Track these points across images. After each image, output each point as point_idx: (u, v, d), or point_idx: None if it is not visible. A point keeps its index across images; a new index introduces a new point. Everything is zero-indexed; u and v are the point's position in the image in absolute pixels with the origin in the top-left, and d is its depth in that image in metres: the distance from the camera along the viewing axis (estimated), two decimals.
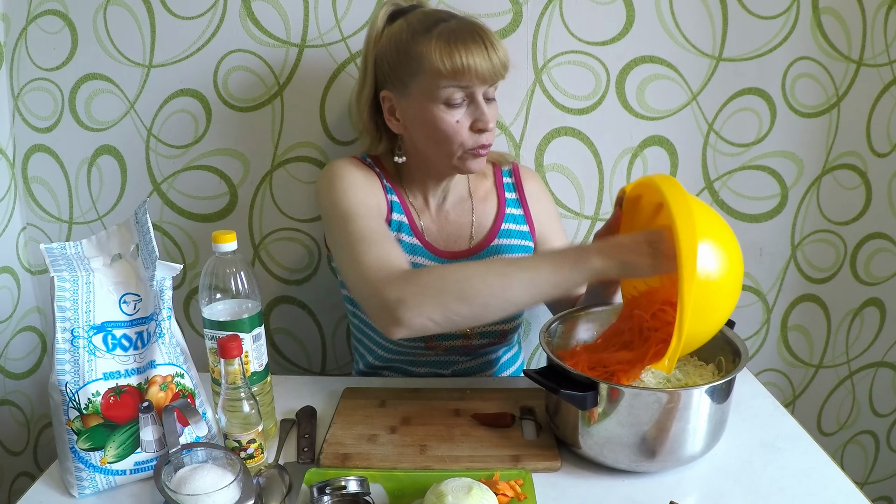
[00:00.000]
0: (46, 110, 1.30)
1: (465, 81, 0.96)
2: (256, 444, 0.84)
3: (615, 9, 1.24)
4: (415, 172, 1.11)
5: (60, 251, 0.86)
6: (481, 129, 0.99)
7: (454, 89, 0.97)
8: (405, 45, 0.99)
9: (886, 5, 1.24)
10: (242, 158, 1.32)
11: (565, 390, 0.81)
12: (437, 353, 1.14)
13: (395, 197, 1.10)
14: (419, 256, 1.10)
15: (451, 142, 1.00)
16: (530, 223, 1.17)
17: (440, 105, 0.98)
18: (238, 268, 0.91)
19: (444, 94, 0.97)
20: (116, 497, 0.84)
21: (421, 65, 0.97)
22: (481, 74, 0.96)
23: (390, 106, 1.04)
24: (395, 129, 1.06)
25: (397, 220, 1.10)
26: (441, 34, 0.96)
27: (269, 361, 0.97)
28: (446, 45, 0.95)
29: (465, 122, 0.99)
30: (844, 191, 1.35)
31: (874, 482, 1.56)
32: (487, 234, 1.14)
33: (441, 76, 0.96)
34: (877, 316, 1.44)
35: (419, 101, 1.00)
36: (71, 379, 0.80)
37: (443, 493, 0.74)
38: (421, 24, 0.99)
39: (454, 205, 1.14)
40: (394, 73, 1.01)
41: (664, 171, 1.33)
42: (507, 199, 1.16)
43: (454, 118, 0.99)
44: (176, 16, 1.24)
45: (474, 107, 0.99)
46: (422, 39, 0.97)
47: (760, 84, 1.28)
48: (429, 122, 1.00)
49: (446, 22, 0.98)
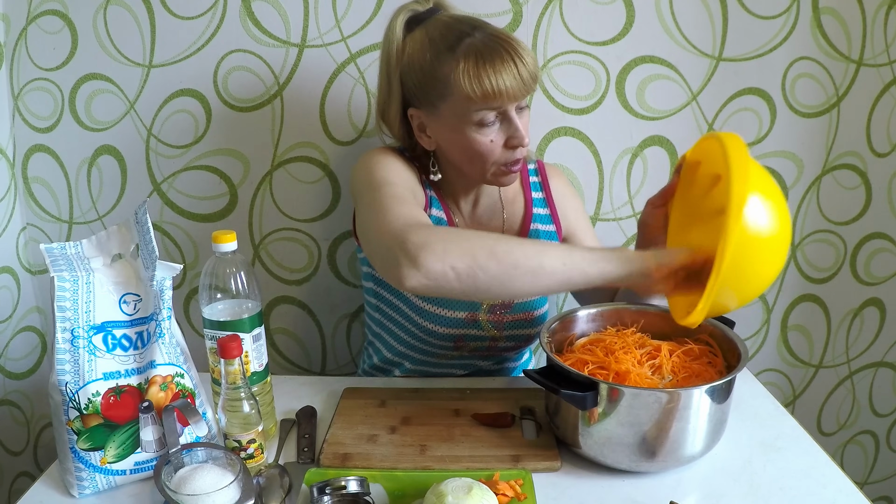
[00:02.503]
0: (46, 110, 1.30)
1: (496, 104, 0.94)
2: (256, 444, 0.84)
3: (615, 9, 1.24)
4: (449, 175, 1.09)
5: (60, 251, 0.86)
6: (516, 146, 0.98)
7: (487, 111, 0.95)
8: (430, 67, 0.96)
9: (886, 5, 1.24)
10: (242, 158, 1.32)
11: (565, 390, 0.81)
12: (462, 353, 1.13)
13: (434, 194, 1.09)
14: None
15: (485, 161, 0.99)
16: (557, 222, 1.16)
17: (472, 126, 0.96)
18: (238, 268, 0.91)
19: (477, 117, 0.95)
20: (116, 497, 0.84)
21: (449, 88, 0.95)
22: (512, 94, 0.94)
23: (420, 123, 1.02)
24: (427, 146, 1.04)
25: (437, 217, 1.08)
26: (468, 55, 0.93)
27: (269, 361, 0.97)
28: (475, 69, 0.92)
29: (498, 141, 0.98)
30: (844, 191, 1.35)
31: (874, 482, 1.56)
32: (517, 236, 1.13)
33: (472, 101, 0.94)
34: (877, 316, 1.44)
35: (451, 122, 0.98)
36: (71, 379, 0.80)
37: (443, 493, 0.74)
38: (444, 42, 0.95)
39: (486, 209, 1.13)
40: (421, 93, 0.99)
41: (664, 171, 1.33)
42: (534, 199, 1.15)
43: (488, 138, 0.97)
44: (176, 16, 1.24)
45: (507, 123, 0.97)
46: (447, 61, 0.94)
47: (760, 84, 1.28)
48: (462, 143, 0.98)
49: (471, 37, 0.95)
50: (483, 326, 1.10)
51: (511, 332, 1.12)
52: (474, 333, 1.10)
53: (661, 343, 0.96)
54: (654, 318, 1.01)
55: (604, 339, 0.97)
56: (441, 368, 1.16)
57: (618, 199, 1.35)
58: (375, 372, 1.22)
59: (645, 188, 1.34)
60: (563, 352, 0.97)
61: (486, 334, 1.11)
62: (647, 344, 0.96)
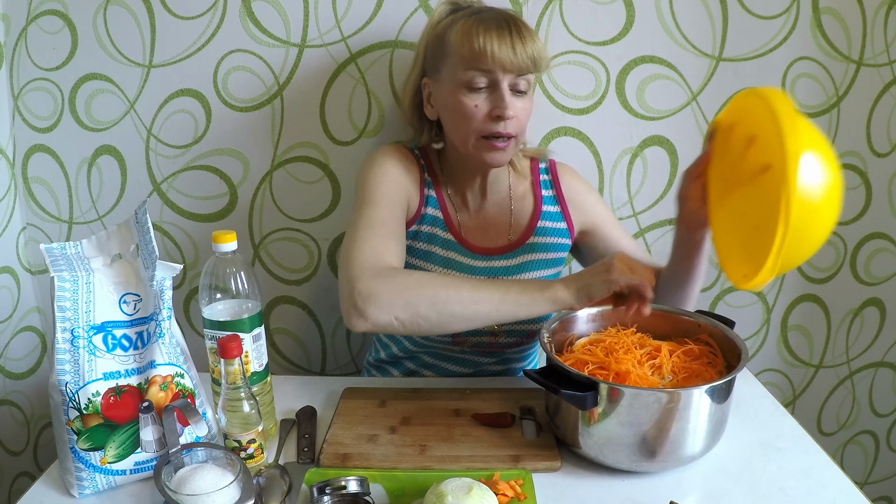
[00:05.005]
0: (46, 110, 1.30)
1: (485, 65, 0.97)
2: (256, 444, 0.84)
3: (615, 9, 1.24)
4: (453, 163, 1.12)
5: (60, 251, 0.86)
6: (498, 117, 0.99)
7: (476, 73, 0.98)
8: (441, 33, 1.03)
9: (886, 5, 1.24)
10: (242, 158, 1.32)
11: (565, 390, 0.81)
12: (462, 348, 1.14)
13: (433, 192, 1.11)
14: (452, 252, 1.11)
15: (467, 126, 1.01)
16: (568, 220, 1.16)
17: (462, 88, 1.00)
18: (238, 268, 0.91)
19: (467, 77, 0.99)
20: (116, 497, 0.84)
21: (449, 49, 1.00)
22: (500, 60, 0.96)
23: (428, 93, 1.07)
24: (430, 116, 1.09)
25: (431, 215, 1.10)
26: (469, 20, 0.99)
27: (269, 361, 0.97)
28: (468, 29, 0.97)
29: (483, 108, 1.00)
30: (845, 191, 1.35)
31: (874, 482, 1.56)
32: (523, 232, 1.14)
33: (463, 59, 0.98)
34: (877, 316, 1.44)
35: (447, 86, 1.02)
36: (71, 379, 0.80)
37: (443, 493, 0.74)
38: (461, 15, 1.02)
39: (494, 203, 1.14)
40: (431, 61, 1.05)
41: (664, 171, 1.33)
42: (544, 197, 1.16)
43: (473, 102, 1.00)
44: (176, 16, 1.24)
45: (496, 94, 0.99)
46: (454, 26, 1.00)
47: (760, 84, 1.28)
48: (451, 105, 1.02)
49: (485, 13, 1.00)
50: None
51: (510, 328, 1.13)
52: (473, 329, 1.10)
53: (661, 343, 0.96)
54: (654, 318, 1.01)
55: (604, 339, 0.97)
56: (448, 363, 1.16)
57: (618, 199, 1.35)
58: (382, 365, 1.22)
59: (645, 188, 1.34)
60: (563, 352, 0.97)
61: (485, 329, 1.11)
62: (647, 344, 0.96)
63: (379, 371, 1.23)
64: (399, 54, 1.26)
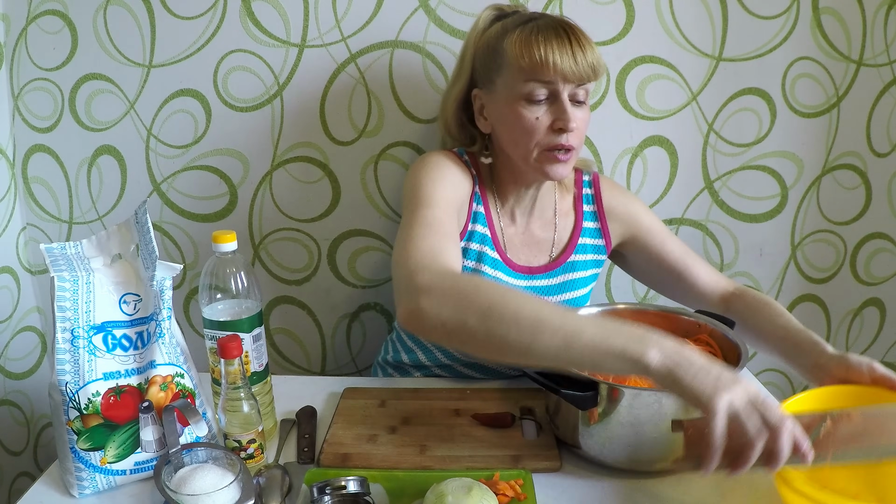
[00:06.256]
0: (46, 110, 1.30)
1: (546, 77, 0.94)
2: (256, 444, 0.84)
3: (615, 9, 1.24)
4: (505, 178, 1.07)
5: (60, 251, 0.86)
6: (561, 129, 0.96)
7: (536, 84, 0.95)
8: (494, 42, 0.99)
9: (886, 5, 1.24)
10: (242, 158, 1.32)
11: (565, 390, 0.81)
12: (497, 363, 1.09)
13: (482, 208, 1.07)
14: (500, 271, 1.06)
15: (528, 139, 0.97)
16: (606, 236, 1.13)
17: (522, 101, 0.96)
18: (238, 268, 0.91)
19: (526, 90, 0.95)
20: (116, 497, 0.84)
21: (505, 59, 0.96)
22: (561, 70, 0.93)
23: (480, 105, 1.03)
24: (483, 129, 1.04)
25: (480, 233, 1.06)
26: (525, 29, 0.95)
27: (269, 361, 0.97)
28: (527, 39, 0.94)
29: (544, 120, 0.96)
30: (844, 191, 1.35)
31: None
32: (564, 250, 1.10)
33: (522, 71, 0.94)
34: (877, 316, 1.44)
35: (503, 98, 0.98)
36: (71, 379, 0.80)
37: (443, 493, 0.74)
38: (513, 23, 0.98)
39: (540, 220, 1.11)
40: (483, 71, 1.01)
41: (664, 171, 1.33)
42: (585, 212, 1.13)
43: (534, 115, 0.96)
44: (176, 16, 1.24)
45: (557, 105, 0.96)
46: (509, 36, 0.96)
47: (760, 84, 1.28)
48: (510, 118, 0.98)
49: (536, 21, 0.97)
50: None
51: None
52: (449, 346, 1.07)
53: None
54: (654, 318, 1.01)
55: None
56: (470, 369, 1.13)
57: None
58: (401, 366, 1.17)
59: (645, 188, 1.34)
60: None
61: None
62: None
63: (399, 371, 1.19)
64: (399, 54, 1.26)
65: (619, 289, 1.40)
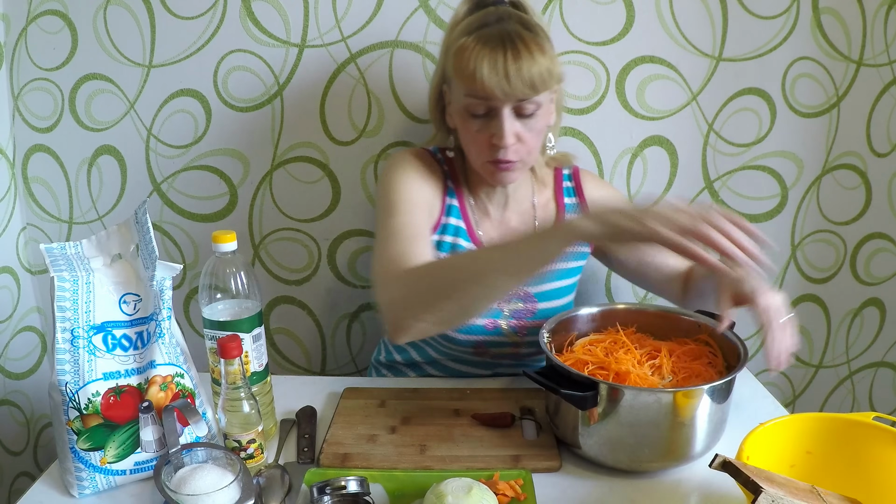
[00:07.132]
0: (46, 110, 1.30)
1: (479, 93, 0.92)
2: (256, 444, 0.84)
3: (615, 9, 1.24)
4: (473, 173, 1.09)
5: (60, 251, 0.86)
6: (495, 146, 0.96)
7: (472, 100, 0.94)
8: (450, 44, 0.97)
9: (886, 5, 1.24)
10: (242, 158, 1.32)
11: (565, 390, 0.81)
12: (484, 358, 1.12)
13: (456, 201, 1.08)
14: None
15: (471, 149, 1.00)
16: None
17: (464, 112, 0.96)
18: (238, 268, 0.91)
19: (465, 103, 0.95)
20: (116, 497, 0.84)
21: (449, 66, 0.97)
22: (490, 89, 0.90)
23: (448, 101, 1.03)
24: (450, 124, 1.05)
25: (454, 225, 1.07)
26: (469, 40, 0.92)
27: (269, 361, 0.97)
28: (463, 52, 0.92)
29: (484, 133, 0.96)
30: (844, 191, 1.35)
31: None
32: None
33: (461, 83, 0.94)
34: (877, 316, 1.44)
35: (455, 103, 0.99)
36: (71, 379, 0.80)
37: (443, 493, 0.74)
38: (471, 25, 0.95)
39: (516, 212, 1.11)
40: (446, 69, 1.00)
41: (664, 171, 1.33)
42: (567, 205, 1.13)
43: (474, 128, 0.97)
44: (176, 16, 1.24)
45: (495, 122, 0.94)
46: (458, 39, 0.94)
47: (760, 84, 1.28)
48: (459, 124, 1.00)
49: (491, 27, 0.93)
50: (504, 333, 1.09)
51: (533, 339, 1.08)
52: (495, 340, 1.09)
53: (661, 343, 0.96)
54: (654, 318, 1.01)
55: (604, 339, 0.97)
56: (467, 366, 1.14)
57: None
58: (396, 366, 1.19)
59: (645, 188, 1.34)
60: (563, 352, 0.97)
61: (507, 340, 1.10)
62: (647, 344, 0.96)
63: (392, 371, 1.20)
64: (399, 54, 1.26)
65: (619, 289, 1.40)
